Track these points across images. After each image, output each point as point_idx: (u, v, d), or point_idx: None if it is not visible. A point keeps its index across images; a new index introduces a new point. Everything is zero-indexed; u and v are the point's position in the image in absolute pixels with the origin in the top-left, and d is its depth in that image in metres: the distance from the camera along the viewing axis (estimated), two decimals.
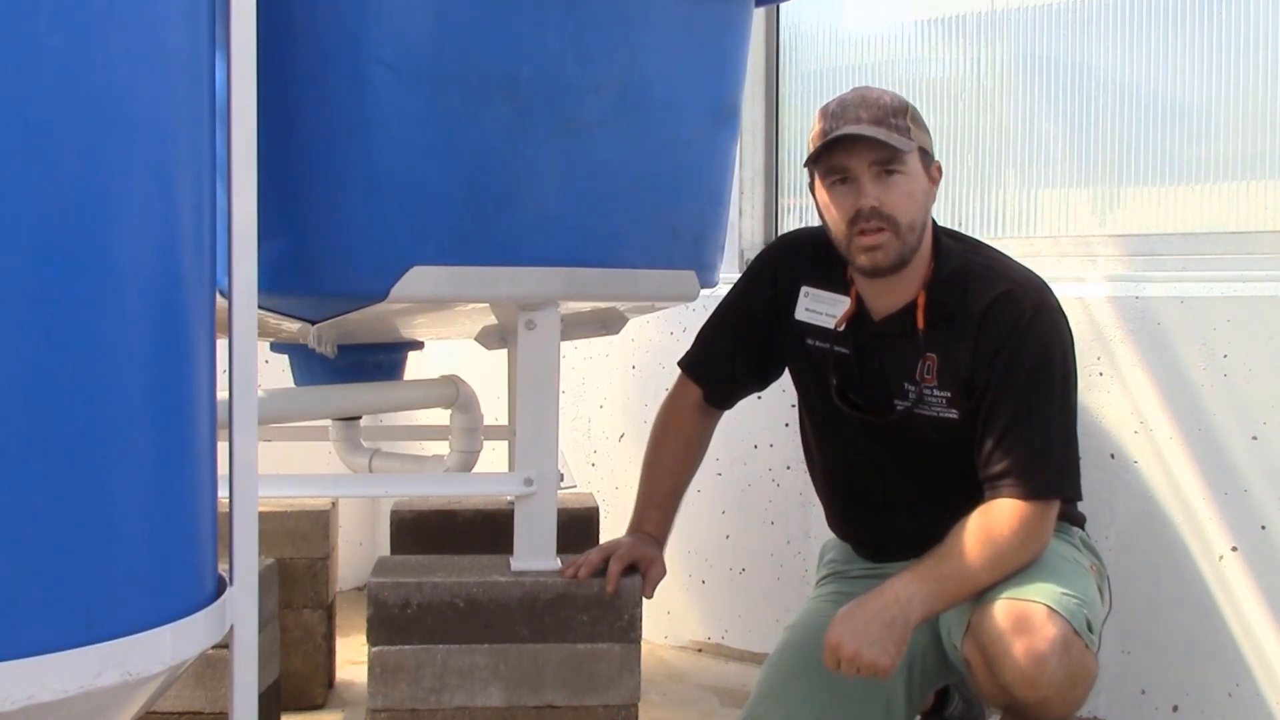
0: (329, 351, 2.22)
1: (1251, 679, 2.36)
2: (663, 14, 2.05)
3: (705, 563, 3.09)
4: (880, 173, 1.90)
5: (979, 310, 1.94)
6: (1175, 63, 2.72)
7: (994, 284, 1.96)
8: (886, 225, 1.90)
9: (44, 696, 1.14)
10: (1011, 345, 1.92)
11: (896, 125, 1.90)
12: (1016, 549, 1.87)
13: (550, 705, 1.99)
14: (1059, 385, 1.94)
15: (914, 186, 1.93)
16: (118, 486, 1.22)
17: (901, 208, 1.91)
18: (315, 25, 1.82)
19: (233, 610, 1.40)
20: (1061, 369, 1.95)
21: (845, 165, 1.91)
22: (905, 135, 1.91)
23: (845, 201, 1.92)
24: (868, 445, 2.08)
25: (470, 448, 2.43)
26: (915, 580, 1.85)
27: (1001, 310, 1.93)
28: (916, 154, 1.93)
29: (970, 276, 1.98)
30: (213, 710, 2.17)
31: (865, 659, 1.79)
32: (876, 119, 1.90)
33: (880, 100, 1.93)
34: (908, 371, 1.99)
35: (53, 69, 1.15)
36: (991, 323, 1.93)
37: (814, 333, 2.09)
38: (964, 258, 2.01)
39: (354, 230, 1.86)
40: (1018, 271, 2.01)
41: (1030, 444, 1.90)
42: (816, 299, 2.08)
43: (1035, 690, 1.76)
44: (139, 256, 1.24)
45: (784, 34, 3.35)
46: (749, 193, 3.35)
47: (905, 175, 1.91)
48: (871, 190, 1.90)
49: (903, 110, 1.93)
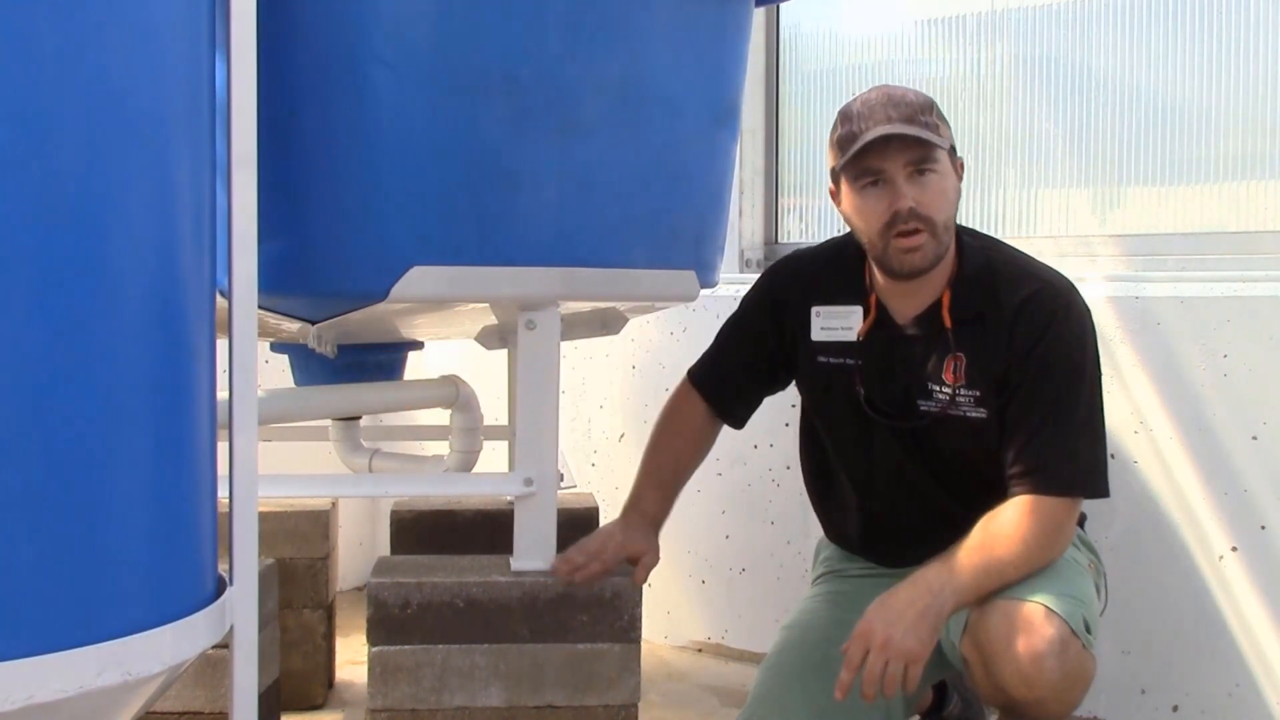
0: (329, 351, 2.22)
1: (1251, 679, 2.36)
2: (663, 14, 2.05)
3: (705, 563, 3.09)
4: (914, 173, 1.86)
5: (1011, 308, 1.92)
6: (1175, 63, 2.72)
7: (1024, 282, 1.94)
8: (924, 226, 1.86)
9: (44, 696, 1.14)
10: (1046, 344, 1.90)
11: (927, 123, 1.86)
12: (1044, 546, 1.85)
13: (550, 705, 1.99)
14: (1089, 384, 1.92)
15: (946, 185, 1.89)
16: (117, 486, 1.22)
17: (937, 207, 1.87)
18: (315, 25, 1.82)
19: (233, 610, 1.40)
20: (1092, 369, 1.93)
21: (879, 167, 1.86)
22: (936, 133, 1.87)
23: (880, 205, 1.87)
24: (892, 451, 2.03)
25: (470, 448, 2.43)
26: (947, 571, 1.82)
27: (1036, 308, 1.91)
28: (947, 151, 1.90)
29: (996, 274, 1.95)
30: (213, 710, 2.17)
31: (897, 645, 1.74)
32: (907, 117, 1.85)
33: (906, 98, 1.88)
34: (935, 372, 1.96)
35: (52, 69, 1.15)
36: (1026, 321, 1.91)
37: (828, 349, 2.05)
38: (985, 255, 1.98)
39: (354, 230, 1.86)
40: (1044, 269, 1.99)
41: (1061, 440, 1.89)
42: (830, 316, 2.04)
43: (1032, 690, 1.76)
44: (139, 256, 1.24)
45: (784, 34, 3.35)
46: (749, 193, 3.35)
47: (938, 174, 1.87)
48: (908, 191, 1.85)
49: (929, 107, 1.89)
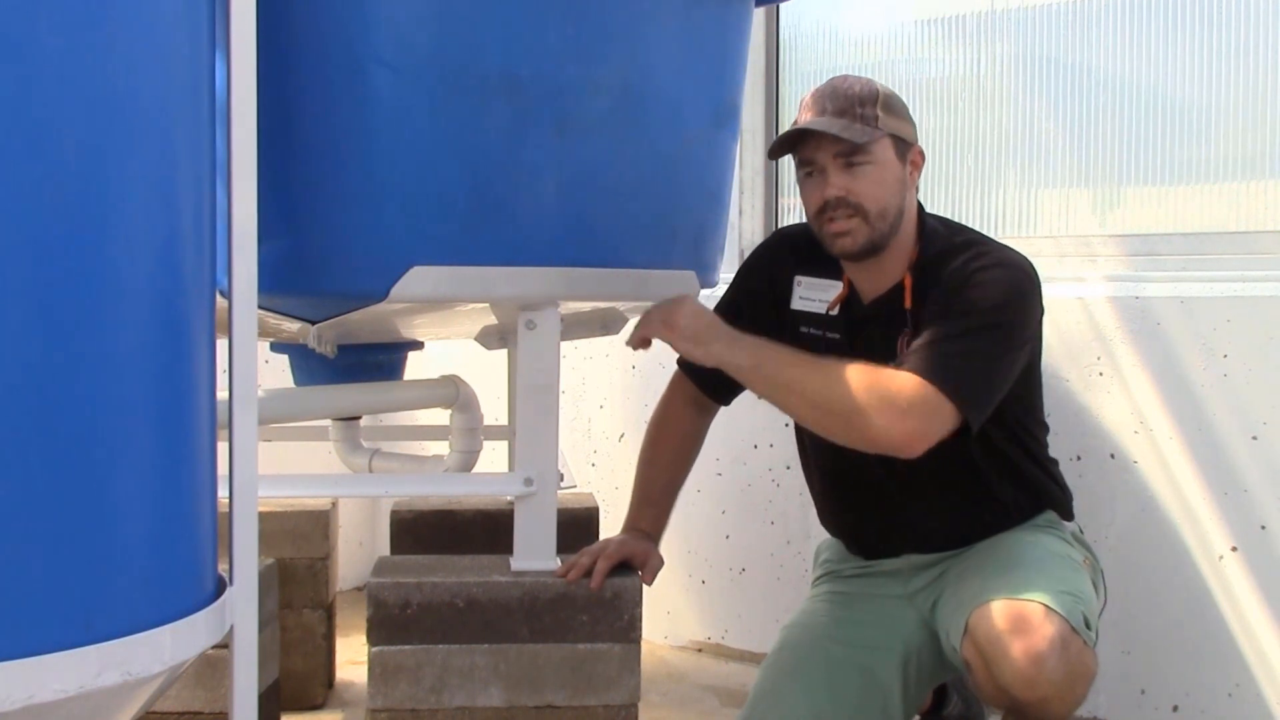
0: (329, 351, 2.22)
1: (1251, 679, 2.36)
2: (663, 14, 2.05)
3: (705, 563, 3.09)
4: (845, 164, 1.93)
5: (950, 270, 1.95)
6: (1175, 63, 2.72)
7: (975, 256, 1.96)
8: (855, 212, 1.93)
9: (44, 696, 1.14)
10: (961, 280, 1.92)
11: (862, 115, 1.92)
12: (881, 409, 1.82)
13: (550, 705, 1.99)
14: (1003, 330, 1.91)
15: (884, 174, 1.94)
16: (118, 486, 1.22)
17: (869, 195, 1.93)
18: (315, 25, 1.82)
19: (233, 610, 1.40)
20: (1010, 317, 1.92)
21: (811, 158, 1.96)
22: (871, 124, 1.92)
23: (814, 193, 1.97)
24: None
25: (470, 448, 2.43)
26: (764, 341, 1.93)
27: (969, 260, 1.95)
28: (887, 141, 1.94)
29: (954, 253, 1.98)
30: (213, 710, 2.17)
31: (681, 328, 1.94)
32: (841, 110, 1.92)
33: (850, 90, 1.94)
34: (895, 351, 1.99)
35: (53, 69, 1.15)
36: (958, 269, 1.94)
37: (807, 320, 2.11)
38: (949, 240, 2.02)
39: (354, 230, 1.86)
40: (1003, 250, 2.00)
41: (952, 349, 1.87)
42: (810, 286, 2.11)
43: (1035, 690, 1.76)
44: (139, 256, 1.24)
45: (784, 34, 3.35)
46: (749, 193, 3.35)
47: (872, 164, 1.93)
48: (837, 180, 1.93)
49: (872, 99, 1.94)
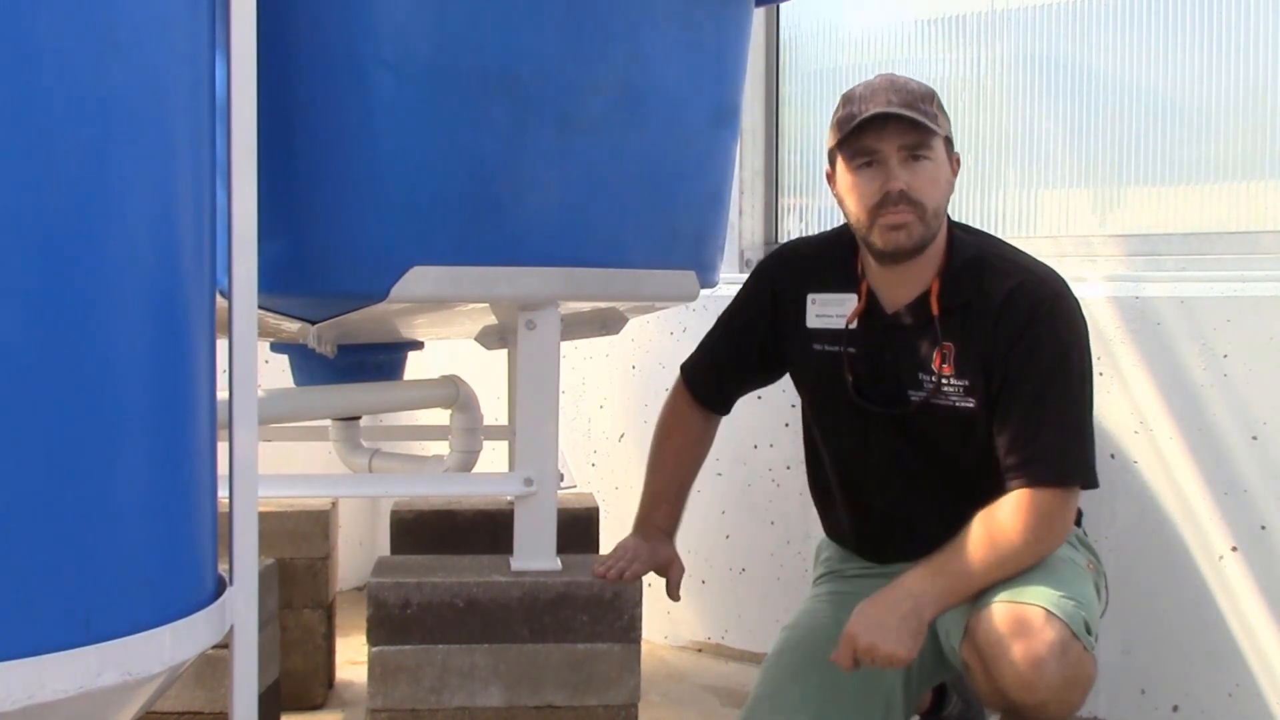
0: (329, 351, 2.22)
1: (1251, 679, 2.36)
2: (663, 14, 2.05)
3: (705, 563, 3.09)
4: (908, 157, 1.89)
5: (997, 298, 1.94)
6: (1175, 63, 2.72)
7: (1012, 273, 1.96)
8: (913, 209, 1.90)
9: (44, 696, 1.14)
10: (1032, 334, 1.91)
11: (925, 111, 1.90)
12: (1042, 538, 1.87)
13: (550, 705, 1.99)
14: (1077, 376, 1.93)
15: (939, 173, 1.93)
16: (118, 486, 1.22)
17: (928, 193, 1.90)
18: (315, 25, 1.82)
19: (233, 610, 1.40)
20: (1079, 360, 1.94)
21: (875, 148, 1.90)
22: (934, 121, 1.90)
23: (872, 184, 1.90)
24: (882, 442, 2.05)
25: (470, 448, 2.43)
26: (929, 575, 1.86)
27: (1020, 298, 1.93)
28: (943, 141, 1.93)
29: (985, 265, 1.97)
30: (213, 710, 2.16)
31: (881, 651, 1.81)
32: (907, 103, 1.89)
33: (909, 86, 1.92)
34: (924, 361, 1.98)
35: (53, 69, 1.15)
36: (1011, 311, 1.93)
37: (822, 337, 2.07)
38: (977, 248, 2.01)
39: (354, 230, 1.86)
40: (1032, 262, 2.01)
41: (1048, 432, 1.90)
42: (825, 303, 2.08)
43: (1033, 694, 1.76)
44: (139, 256, 1.24)
45: (784, 34, 3.35)
46: (749, 193, 3.35)
47: (932, 161, 1.91)
48: (900, 174, 1.89)
49: (930, 97, 1.93)
